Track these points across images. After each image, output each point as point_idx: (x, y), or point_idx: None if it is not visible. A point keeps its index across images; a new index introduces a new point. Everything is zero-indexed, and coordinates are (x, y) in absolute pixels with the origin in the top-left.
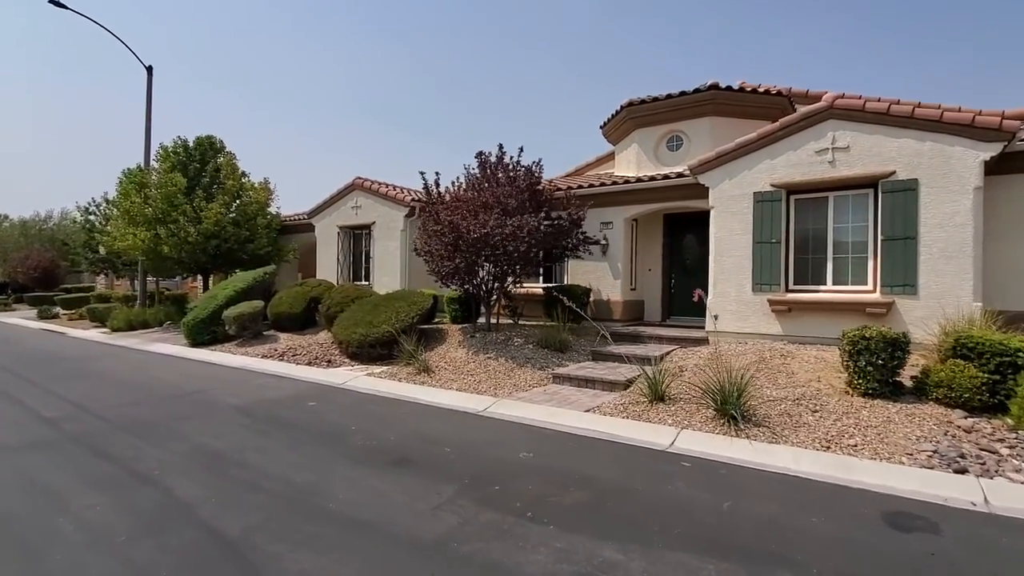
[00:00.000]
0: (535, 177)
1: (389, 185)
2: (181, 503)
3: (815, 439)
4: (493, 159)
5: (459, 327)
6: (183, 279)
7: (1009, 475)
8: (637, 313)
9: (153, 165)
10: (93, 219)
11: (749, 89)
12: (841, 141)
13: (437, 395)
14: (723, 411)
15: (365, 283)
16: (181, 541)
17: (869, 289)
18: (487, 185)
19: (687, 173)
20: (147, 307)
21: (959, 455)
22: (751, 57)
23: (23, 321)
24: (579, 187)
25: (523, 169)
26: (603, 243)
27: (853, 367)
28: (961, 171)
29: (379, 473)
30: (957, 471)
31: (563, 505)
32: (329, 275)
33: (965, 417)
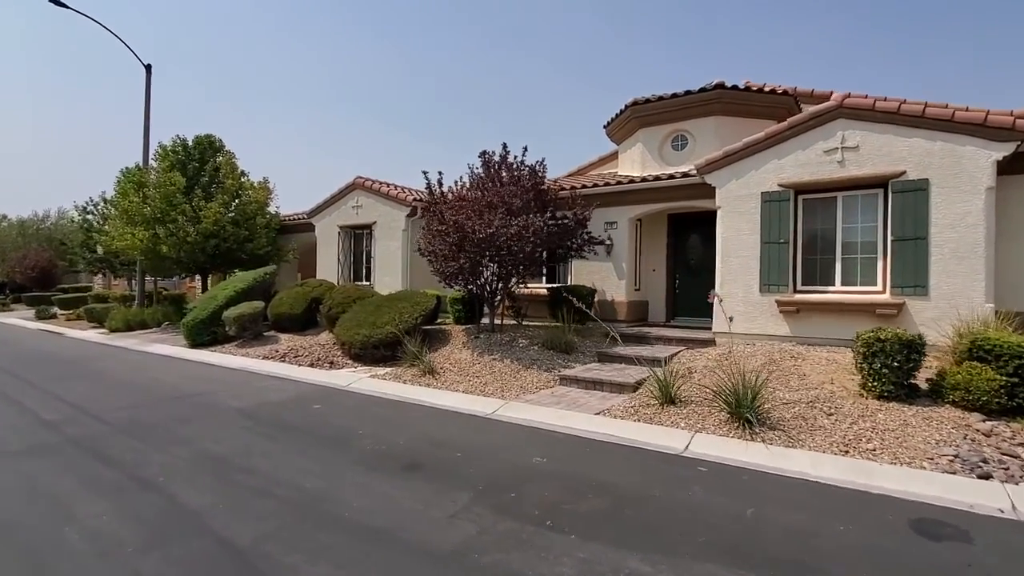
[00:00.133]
0: (539, 176)
1: (390, 184)
2: (188, 511)
3: (832, 443)
4: (497, 158)
5: (462, 328)
6: (181, 279)
7: None
8: (641, 314)
9: (152, 164)
10: (91, 218)
11: (755, 88)
12: (850, 141)
13: (443, 397)
14: (737, 414)
15: (366, 283)
16: (190, 552)
17: (879, 290)
18: (491, 184)
19: (693, 173)
20: (145, 307)
21: (981, 460)
22: (751, 57)
23: (21, 321)
24: (583, 186)
25: (527, 168)
26: (608, 243)
27: (868, 369)
28: (973, 171)
29: (391, 479)
30: (980, 476)
31: (582, 513)
32: (329, 275)
33: (983, 421)
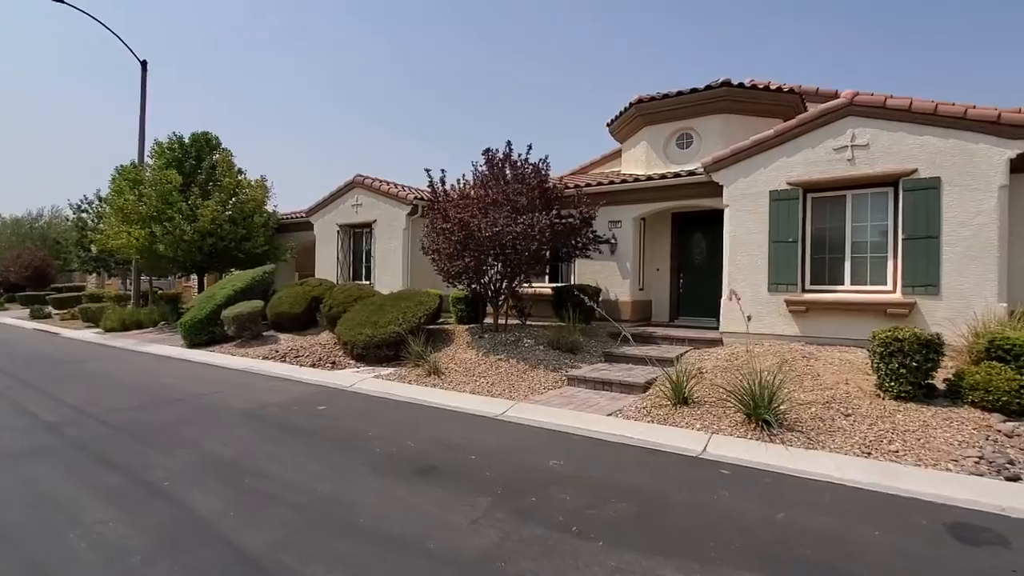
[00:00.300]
0: (543, 174)
1: (390, 183)
2: (197, 517)
3: (853, 444)
4: (500, 156)
5: (466, 327)
6: (177, 278)
7: None
8: (645, 313)
9: (148, 162)
10: (85, 217)
11: (761, 87)
12: (861, 138)
13: (451, 398)
14: (755, 415)
15: (366, 283)
16: (201, 560)
17: (889, 289)
18: (496, 182)
19: (699, 171)
20: (141, 307)
21: (1007, 461)
22: (750, 57)
23: (16, 321)
24: (587, 185)
25: (531, 167)
26: (612, 242)
27: (884, 369)
28: (985, 169)
29: (405, 483)
30: (1009, 478)
31: (607, 518)
32: (328, 274)
33: (1004, 421)
